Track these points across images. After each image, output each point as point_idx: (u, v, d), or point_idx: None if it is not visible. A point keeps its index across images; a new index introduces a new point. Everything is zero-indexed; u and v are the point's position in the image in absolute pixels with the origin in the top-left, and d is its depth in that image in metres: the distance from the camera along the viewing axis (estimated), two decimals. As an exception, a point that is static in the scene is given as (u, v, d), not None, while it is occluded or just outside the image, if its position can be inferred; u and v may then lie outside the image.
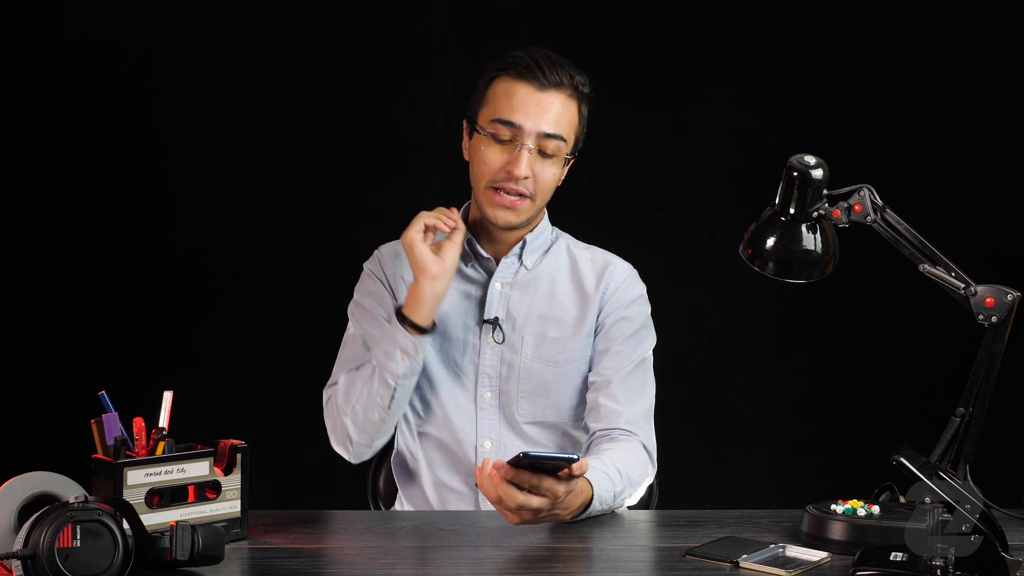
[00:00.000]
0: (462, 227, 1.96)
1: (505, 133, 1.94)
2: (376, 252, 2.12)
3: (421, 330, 1.93)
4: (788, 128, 3.06)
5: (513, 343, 2.02)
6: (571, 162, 2.04)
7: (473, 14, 3.08)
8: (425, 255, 1.91)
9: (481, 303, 2.04)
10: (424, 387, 2.03)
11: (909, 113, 3.02)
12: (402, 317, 1.93)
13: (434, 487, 2.04)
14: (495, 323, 2.02)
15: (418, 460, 2.05)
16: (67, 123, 3.07)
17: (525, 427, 2.02)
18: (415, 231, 1.93)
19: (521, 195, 1.96)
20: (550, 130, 1.94)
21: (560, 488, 1.60)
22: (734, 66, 3.12)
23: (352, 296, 2.11)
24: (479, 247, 2.05)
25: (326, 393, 2.04)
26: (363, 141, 3.11)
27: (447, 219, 1.96)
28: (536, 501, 1.60)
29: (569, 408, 2.03)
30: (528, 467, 1.58)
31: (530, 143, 1.94)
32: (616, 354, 2.01)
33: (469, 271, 2.06)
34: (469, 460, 2.01)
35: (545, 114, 1.94)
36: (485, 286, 2.05)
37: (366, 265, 2.11)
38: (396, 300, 2.05)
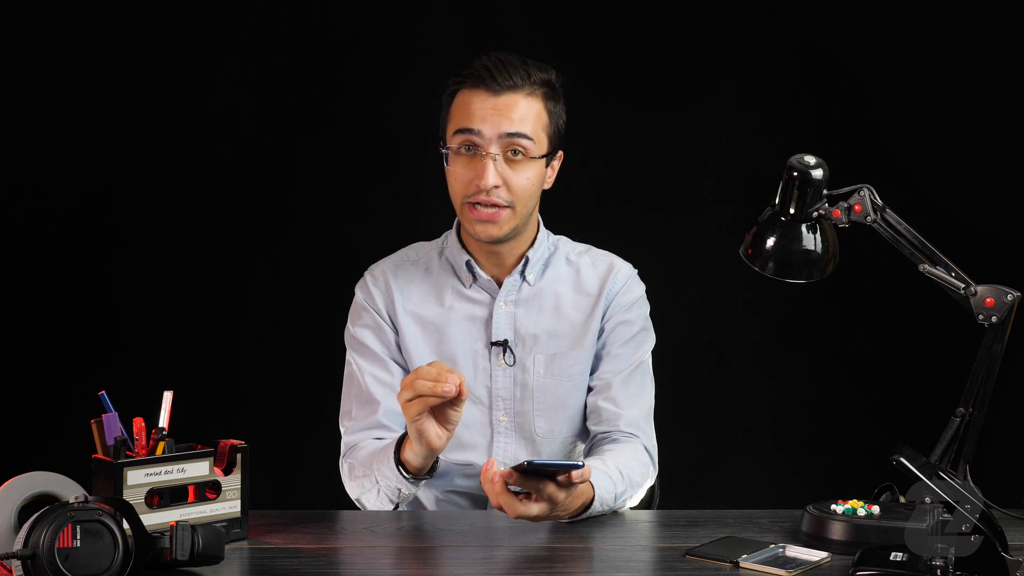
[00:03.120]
0: (465, 392, 1.67)
1: (469, 143, 1.90)
2: (367, 275, 2.05)
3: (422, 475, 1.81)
4: (788, 128, 3.07)
5: (525, 363, 1.99)
6: (555, 162, 2.00)
7: (473, 14, 3.08)
8: (431, 435, 1.69)
9: (487, 325, 2.00)
10: None
11: (909, 113, 3.02)
12: (400, 464, 1.78)
13: (441, 507, 2.03)
14: (504, 345, 1.99)
15: (432, 484, 2.00)
16: (67, 123, 3.07)
17: (545, 444, 1.99)
18: (425, 419, 1.67)
19: (497, 206, 1.90)
20: (512, 129, 1.89)
21: (560, 494, 1.60)
22: (734, 66, 3.12)
23: (349, 298, 2.07)
24: (479, 269, 2.01)
25: (342, 464, 1.96)
26: (363, 141, 3.11)
27: (447, 386, 1.64)
28: (535, 508, 1.60)
29: (582, 420, 2.02)
30: (532, 473, 1.58)
31: (494, 150, 1.89)
32: (616, 357, 2.00)
33: (470, 293, 2.02)
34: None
35: (504, 116, 1.89)
36: (490, 306, 2.01)
37: (358, 291, 2.05)
38: (396, 331, 2.00)
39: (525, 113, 1.90)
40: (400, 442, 1.79)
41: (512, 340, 2.00)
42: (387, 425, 1.95)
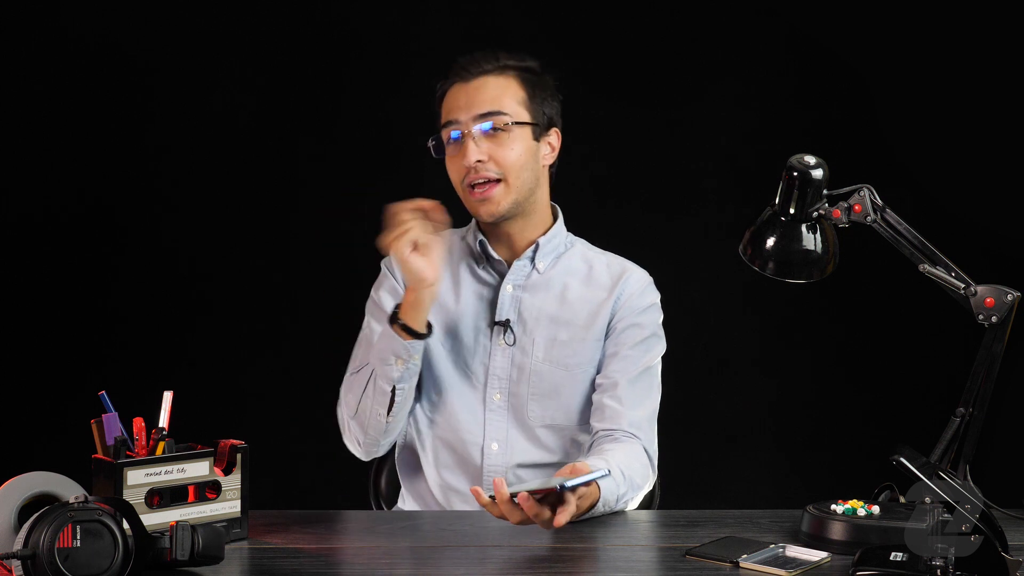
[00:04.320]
0: (445, 219, 1.92)
1: (453, 132, 2.00)
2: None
3: (417, 334, 1.93)
4: (788, 128, 3.06)
5: (524, 345, 2.03)
6: (551, 139, 2.04)
7: (473, 14, 3.08)
8: (418, 266, 1.89)
9: (492, 305, 2.05)
10: (433, 386, 2.04)
11: (909, 113, 3.02)
12: (396, 321, 1.93)
13: (439, 486, 2.05)
14: (506, 325, 2.03)
15: (424, 457, 2.06)
16: (67, 123, 3.07)
17: (536, 430, 2.03)
18: (404, 245, 1.88)
19: (489, 180, 1.98)
20: (483, 110, 1.98)
21: (585, 503, 1.68)
22: (734, 66, 3.12)
23: (355, 292, 2.12)
24: (491, 250, 2.06)
25: (339, 403, 2.05)
26: (363, 141, 3.11)
27: (427, 211, 1.91)
28: (564, 517, 1.62)
29: (578, 412, 2.03)
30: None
31: (472, 129, 1.97)
32: (624, 358, 2.02)
33: (481, 273, 2.07)
34: (475, 461, 2.02)
35: (475, 98, 1.99)
36: (497, 288, 2.06)
37: (384, 263, 2.13)
38: None
39: (496, 92, 2.00)
40: (393, 319, 1.93)
41: (514, 321, 2.03)
42: None
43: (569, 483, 1.57)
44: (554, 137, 2.06)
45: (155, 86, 3.08)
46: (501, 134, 1.98)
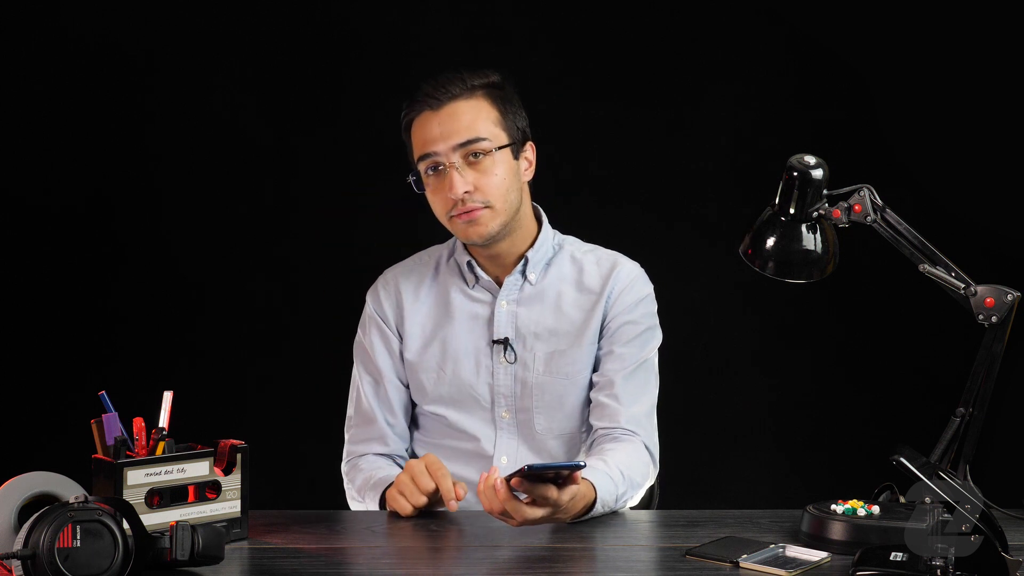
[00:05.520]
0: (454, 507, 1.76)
1: (432, 164, 1.96)
2: (379, 282, 2.11)
3: None
4: (788, 128, 3.06)
5: (525, 361, 2.02)
6: (527, 153, 2.03)
7: (473, 14, 3.08)
8: (403, 509, 1.79)
9: (488, 323, 2.03)
10: (441, 409, 2.04)
11: (909, 113, 3.02)
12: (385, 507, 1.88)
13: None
14: (505, 343, 2.02)
15: None
16: (67, 123, 3.07)
17: (546, 441, 2.02)
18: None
19: (475, 209, 1.94)
20: (462, 139, 1.93)
21: (565, 496, 1.62)
22: (734, 66, 3.11)
23: (355, 292, 2.10)
24: (480, 270, 2.04)
25: (343, 467, 2.08)
26: (363, 141, 3.11)
27: (453, 503, 1.76)
28: (539, 512, 1.61)
29: (582, 417, 2.03)
30: (531, 478, 1.59)
31: (454, 159, 1.93)
32: (619, 356, 2.01)
33: (475, 292, 2.05)
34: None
35: (450, 127, 1.94)
36: (491, 305, 2.04)
37: (369, 299, 2.10)
38: (402, 341, 2.05)
39: (470, 117, 1.95)
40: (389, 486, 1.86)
41: (513, 338, 2.01)
42: (383, 437, 2.05)
43: (536, 465, 1.58)
44: (530, 151, 2.04)
45: (155, 86, 3.08)
46: (484, 160, 1.94)
